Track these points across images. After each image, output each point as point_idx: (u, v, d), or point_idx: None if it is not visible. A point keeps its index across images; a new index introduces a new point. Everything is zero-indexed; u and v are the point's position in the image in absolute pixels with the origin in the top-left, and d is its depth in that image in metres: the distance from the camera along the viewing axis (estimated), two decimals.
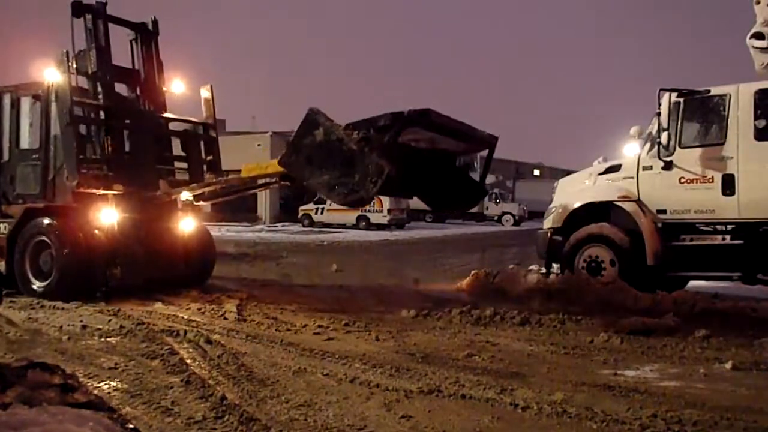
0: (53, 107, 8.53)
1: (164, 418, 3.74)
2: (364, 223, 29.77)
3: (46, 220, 8.23)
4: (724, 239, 7.86)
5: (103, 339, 5.86)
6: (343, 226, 29.54)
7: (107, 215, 8.13)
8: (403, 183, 6.97)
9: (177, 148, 9.79)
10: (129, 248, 8.22)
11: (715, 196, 7.74)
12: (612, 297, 7.55)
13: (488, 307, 7.30)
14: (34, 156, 8.82)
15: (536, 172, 61.14)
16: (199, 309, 7.44)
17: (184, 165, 9.58)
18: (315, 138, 6.33)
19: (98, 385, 4.30)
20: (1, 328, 6.24)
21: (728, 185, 7.65)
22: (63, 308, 7.36)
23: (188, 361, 5.02)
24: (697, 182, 7.88)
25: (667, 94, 8.04)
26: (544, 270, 9.26)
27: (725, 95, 7.83)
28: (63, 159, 8.37)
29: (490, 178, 41.87)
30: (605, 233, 8.48)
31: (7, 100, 9.13)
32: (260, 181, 8.34)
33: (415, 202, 35.55)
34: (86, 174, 8.17)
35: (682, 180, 7.97)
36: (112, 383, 4.42)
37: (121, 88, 9.13)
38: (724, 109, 7.80)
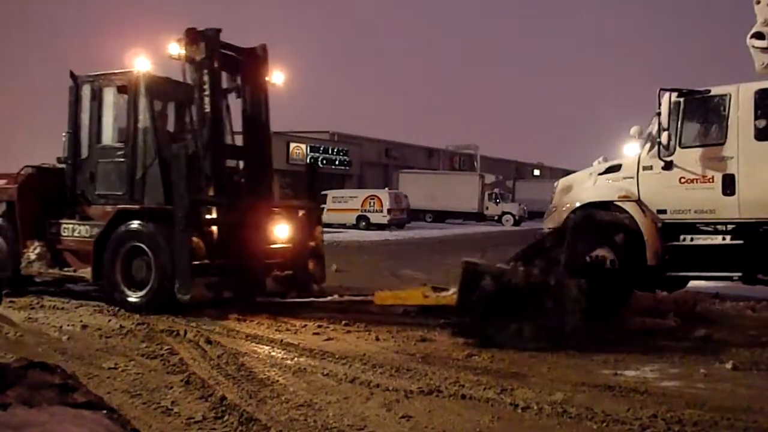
0: (142, 100, 7.87)
1: (164, 418, 3.75)
2: (364, 223, 29.74)
3: (142, 224, 7.40)
4: (724, 239, 7.85)
5: (103, 339, 5.87)
6: (343, 226, 29.50)
7: (209, 221, 7.43)
8: None
9: None
10: (229, 257, 7.42)
11: (715, 196, 7.73)
12: None
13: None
14: (118, 153, 8.01)
15: (536, 172, 61.19)
16: (199, 309, 7.41)
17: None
18: (484, 290, 5.76)
19: (98, 385, 4.30)
20: (1, 328, 6.24)
21: (728, 185, 7.64)
22: (63, 308, 7.37)
23: (188, 361, 5.03)
24: (697, 182, 7.87)
25: (667, 94, 8.02)
26: None
27: (725, 95, 7.82)
28: (153, 158, 7.70)
29: (489, 178, 42.09)
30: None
31: (86, 92, 8.29)
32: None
33: (415, 202, 35.79)
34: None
35: (683, 180, 7.96)
36: (112, 383, 4.43)
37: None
38: (725, 109, 7.79)
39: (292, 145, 35.08)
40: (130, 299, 7.33)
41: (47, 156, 9.46)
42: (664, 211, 8.16)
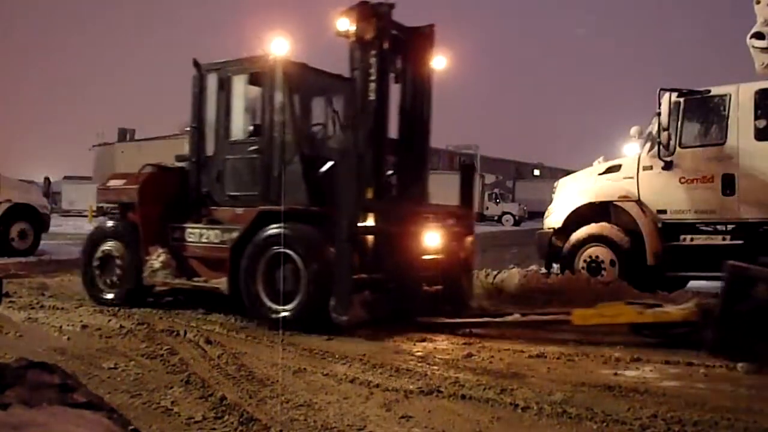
0: (279, 89, 6.94)
1: (164, 418, 3.74)
2: None
3: (289, 228, 6.35)
4: (724, 239, 7.87)
5: (103, 339, 5.86)
6: None
7: (366, 229, 6.49)
8: None
9: None
10: (383, 270, 6.57)
11: (715, 196, 7.76)
12: (612, 297, 7.55)
13: (488, 307, 7.28)
14: (250, 149, 7.10)
15: (536, 172, 61.29)
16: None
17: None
18: (754, 298, 5.03)
19: (98, 385, 4.30)
20: (1, 328, 6.24)
21: (728, 185, 7.66)
22: (63, 308, 7.36)
23: (188, 361, 5.02)
24: (697, 182, 7.90)
25: (667, 94, 8.05)
26: (544, 270, 9.26)
27: (725, 95, 7.84)
28: (293, 155, 6.86)
29: (489, 178, 42.08)
30: (605, 233, 8.49)
31: (212, 81, 7.40)
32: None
33: None
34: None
35: (683, 180, 7.98)
36: (112, 383, 4.42)
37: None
38: (725, 109, 7.81)
39: None
40: (275, 314, 6.31)
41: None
42: (664, 211, 8.18)
